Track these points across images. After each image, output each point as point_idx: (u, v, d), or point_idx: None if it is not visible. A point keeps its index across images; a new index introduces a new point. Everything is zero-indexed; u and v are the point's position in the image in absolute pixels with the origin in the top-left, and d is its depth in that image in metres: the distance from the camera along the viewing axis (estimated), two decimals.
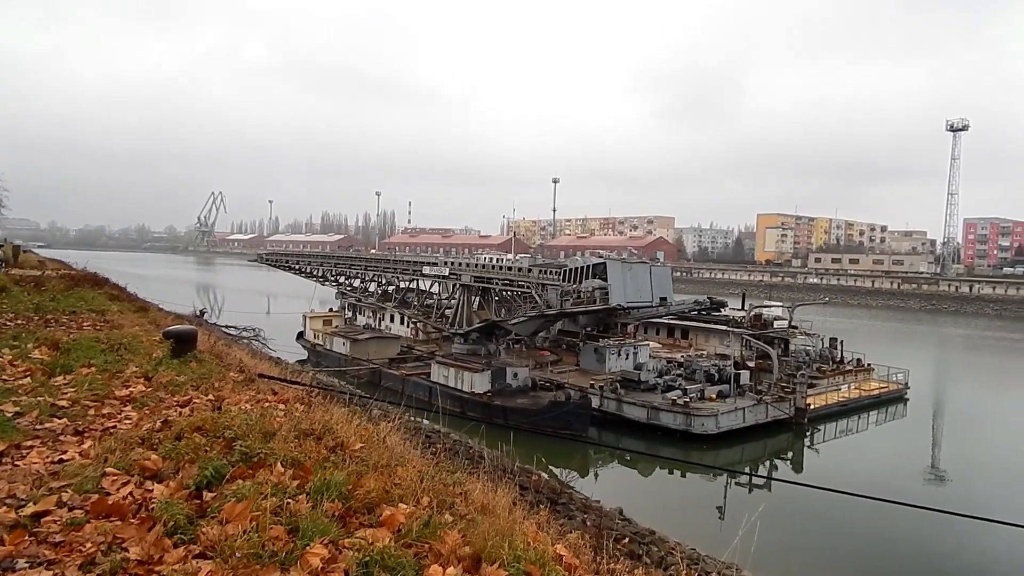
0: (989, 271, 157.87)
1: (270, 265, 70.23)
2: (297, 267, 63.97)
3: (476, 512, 5.85)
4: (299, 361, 47.72)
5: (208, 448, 6.06)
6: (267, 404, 8.63)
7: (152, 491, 5.02)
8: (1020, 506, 26.37)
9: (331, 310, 60.50)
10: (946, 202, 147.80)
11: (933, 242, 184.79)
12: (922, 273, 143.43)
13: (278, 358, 38.59)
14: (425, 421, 29.89)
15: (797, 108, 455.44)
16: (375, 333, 51.92)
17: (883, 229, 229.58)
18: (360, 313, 58.50)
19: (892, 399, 43.35)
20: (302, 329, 56.40)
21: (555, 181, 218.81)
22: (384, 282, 53.37)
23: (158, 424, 6.76)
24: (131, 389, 8.82)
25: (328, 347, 50.38)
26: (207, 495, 5.01)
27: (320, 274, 60.38)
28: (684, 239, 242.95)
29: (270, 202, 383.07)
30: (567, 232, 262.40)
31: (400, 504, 5.43)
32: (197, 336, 12.24)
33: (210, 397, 8.61)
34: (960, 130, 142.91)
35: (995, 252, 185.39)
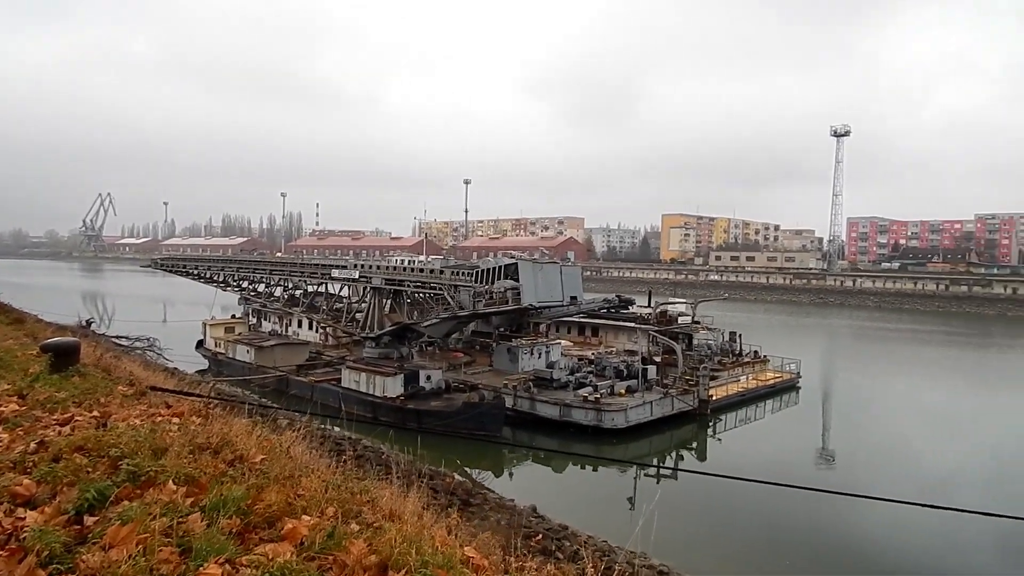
0: (870, 266, 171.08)
1: (166, 271, 66.39)
2: (196, 272, 60.77)
3: (384, 519, 5.74)
4: (199, 371, 45.41)
5: (91, 469, 5.64)
6: (159, 419, 8.14)
7: (24, 519, 4.62)
8: (896, 484, 28.75)
9: (234, 316, 57.90)
10: (831, 203, 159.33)
11: (821, 240, 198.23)
12: (811, 269, 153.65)
13: (175, 369, 36.56)
14: (336, 428, 29.14)
15: (694, 114, 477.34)
16: (282, 339, 50.10)
17: (776, 228, 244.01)
18: (265, 319, 56.28)
19: (786, 388, 46.15)
20: (202, 337, 53.65)
21: (466, 182, 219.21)
22: (291, 286, 51.63)
23: (32, 446, 6.22)
24: (1, 409, 8.08)
25: (231, 355, 48.16)
26: (88, 520, 4.66)
27: (221, 279, 57.63)
28: (593, 239, 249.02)
29: (165, 204, 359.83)
30: (479, 233, 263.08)
31: (304, 516, 5.25)
32: (80, 348, 11.36)
33: (95, 414, 8.00)
34: (843, 135, 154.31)
35: (875, 249, 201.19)
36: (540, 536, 18.34)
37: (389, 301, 42.63)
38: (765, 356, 49.87)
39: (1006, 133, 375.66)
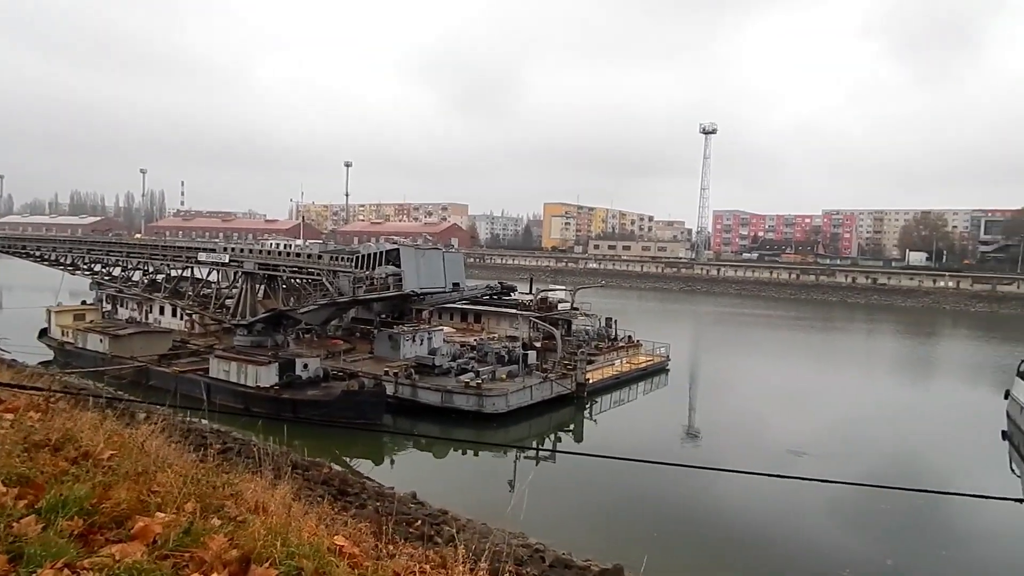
0: (732, 257, 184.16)
1: (2, 251, 59.46)
2: (38, 253, 54.91)
3: (248, 513, 5.52)
4: (42, 363, 41.26)
5: None
6: None
7: None
8: (750, 456, 31.31)
9: (84, 303, 52.98)
10: (699, 196, 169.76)
11: (690, 231, 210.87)
12: (681, 258, 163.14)
13: (12, 360, 33.04)
14: (203, 421, 27.56)
15: (574, 105, 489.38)
16: (141, 327, 46.43)
17: (650, 219, 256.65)
18: (122, 306, 51.92)
19: (656, 371, 48.87)
20: (46, 326, 48.68)
21: (347, 165, 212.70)
22: (152, 270, 47.87)
23: None
24: None
25: (81, 345, 44.06)
26: None
27: (69, 262, 52.49)
28: (477, 226, 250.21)
29: (0, 177, 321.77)
30: (361, 218, 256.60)
31: (158, 513, 4.94)
32: None
33: None
34: (711, 133, 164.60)
35: (737, 240, 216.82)
36: (419, 522, 18.32)
37: (263, 287, 40.64)
38: (638, 341, 52.44)
39: (846, 135, 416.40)
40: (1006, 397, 37.95)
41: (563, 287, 66.81)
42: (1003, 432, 36.19)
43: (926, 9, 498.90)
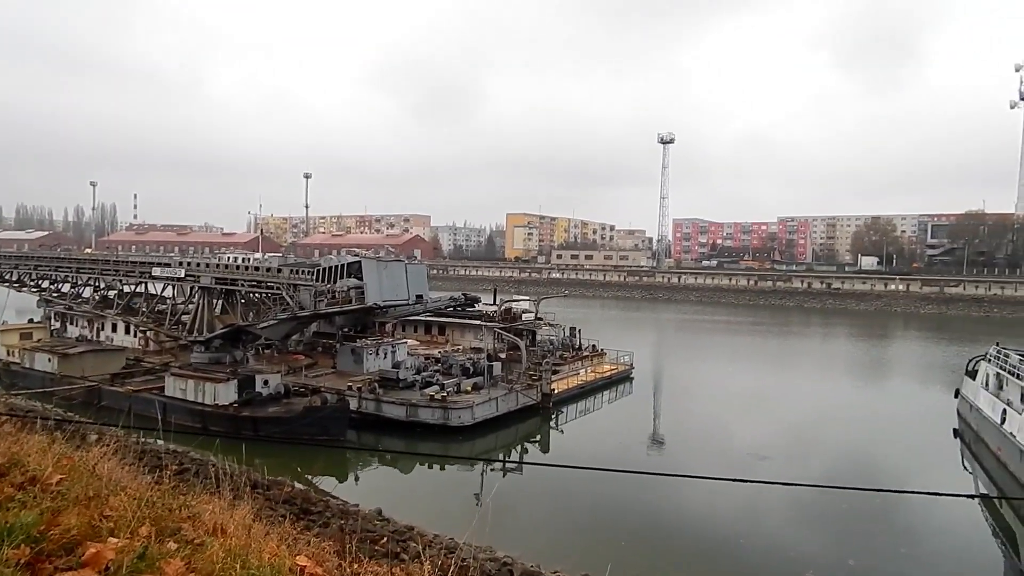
0: (692, 264, 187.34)
1: None
2: None
3: (206, 535, 5.33)
4: None
5: None
6: None
7: None
8: (711, 461, 31.75)
9: (31, 321, 51.07)
10: (659, 204, 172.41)
11: (651, 240, 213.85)
12: (643, 267, 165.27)
13: None
14: (160, 442, 26.74)
15: (530, 115, 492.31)
16: (92, 346, 44.92)
17: (612, 228, 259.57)
18: (72, 323, 50.22)
19: (621, 379, 49.26)
20: None
21: (307, 176, 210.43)
22: (103, 286, 46.42)
23: None
24: None
25: (28, 365, 42.43)
26: None
27: (15, 278, 50.65)
28: (440, 237, 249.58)
29: None
30: (321, 230, 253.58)
31: (111, 538, 4.73)
32: None
33: None
34: (668, 142, 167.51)
35: (696, 248, 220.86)
36: (385, 539, 18.05)
37: (220, 302, 39.76)
38: (602, 350, 52.81)
39: (800, 144, 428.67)
40: (956, 396, 39.33)
41: (527, 297, 66.98)
42: (954, 430, 37.48)
43: (867, 22, 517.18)
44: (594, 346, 53.62)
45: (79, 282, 47.62)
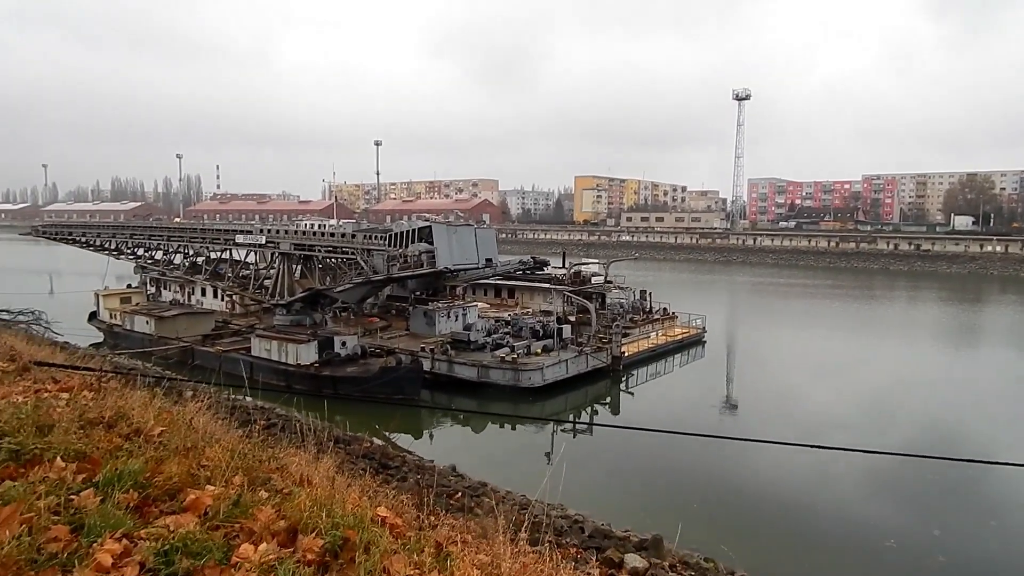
0: (768, 226, 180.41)
1: (49, 239, 61.46)
2: (84, 239, 56.55)
3: (294, 485, 5.66)
4: (93, 345, 42.75)
5: None
6: (45, 394, 7.62)
7: None
8: (784, 427, 30.98)
9: (129, 286, 54.54)
10: (734, 164, 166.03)
11: (725, 201, 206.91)
12: (716, 229, 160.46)
13: (65, 343, 34.27)
14: (247, 399, 28.28)
15: (596, 77, 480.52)
16: (184, 309, 47.72)
17: (683, 189, 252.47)
18: (165, 288, 53.33)
19: (693, 342, 48.42)
20: (95, 309, 50.32)
21: (377, 144, 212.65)
22: (192, 253, 48.95)
23: None
24: None
25: (128, 327, 45.50)
26: None
27: (113, 247, 53.98)
28: (508, 201, 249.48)
29: (44, 167, 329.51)
30: (392, 196, 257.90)
31: (208, 486, 5.10)
32: None
33: None
34: (744, 99, 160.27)
35: (773, 209, 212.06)
36: (459, 494, 18.64)
37: (299, 267, 41.29)
38: (673, 313, 51.95)
39: (883, 98, 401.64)
40: None
41: (596, 260, 66.40)
42: None
43: None
44: (665, 309, 52.81)
45: (170, 249, 50.36)
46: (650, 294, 54.70)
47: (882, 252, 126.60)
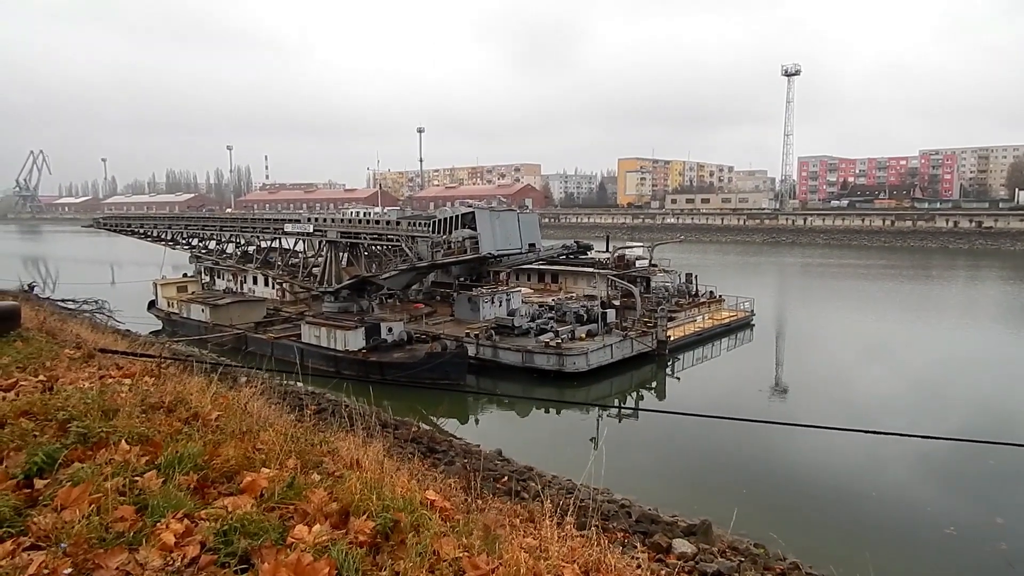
0: (819, 205, 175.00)
1: (110, 230, 63.89)
2: (142, 231, 58.67)
3: (345, 468, 5.79)
4: (152, 332, 44.43)
5: (38, 433, 5.53)
6: (109, 380, 7.96)
7: None
8: (833, 411, 30.21)
9: (185, 275, 56.42)
10: (783, 142, 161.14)
11: (773, 180, 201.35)
12: (764, 209, 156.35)
13: (127, 330, 35.77)
14: (298, 384, 29.03)
15: (638, 57, 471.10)
16: (237, 297, 49.16)
17: (730, 170, 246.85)
18: (219, 277, 54.99)
19: (741, 326, 47.51)
20: (154, 298, 52.26)
21: (420, 131, 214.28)
22: (243, 243, 50.31)
23: None
24: None
25: (185, 315, 47.14)
26: (39, 483, 4.59)
27: (169, 237, 55.83)
28: (551, 185, 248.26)
29: (103, 161, 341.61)
30: (435, 183, 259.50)
31: (263, 469, 5.26)
32: (20, 312, 10.96)
33: (40, 378, 7.79)
34: (793, 75, 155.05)
35: (824, 187, 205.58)
36: (506, 478, 18.80)
37: (346, 254, 42.02)
38: (720, 296, 51.04)
39: (939, 72, 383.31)
40: None
41: (640, 244, 65.59)
42: None
43: None
44: (711, 292, 51.91)
45: (223, 239, 51.85)
46: (696, 277, 53.82)
47: (941, 230, 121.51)
